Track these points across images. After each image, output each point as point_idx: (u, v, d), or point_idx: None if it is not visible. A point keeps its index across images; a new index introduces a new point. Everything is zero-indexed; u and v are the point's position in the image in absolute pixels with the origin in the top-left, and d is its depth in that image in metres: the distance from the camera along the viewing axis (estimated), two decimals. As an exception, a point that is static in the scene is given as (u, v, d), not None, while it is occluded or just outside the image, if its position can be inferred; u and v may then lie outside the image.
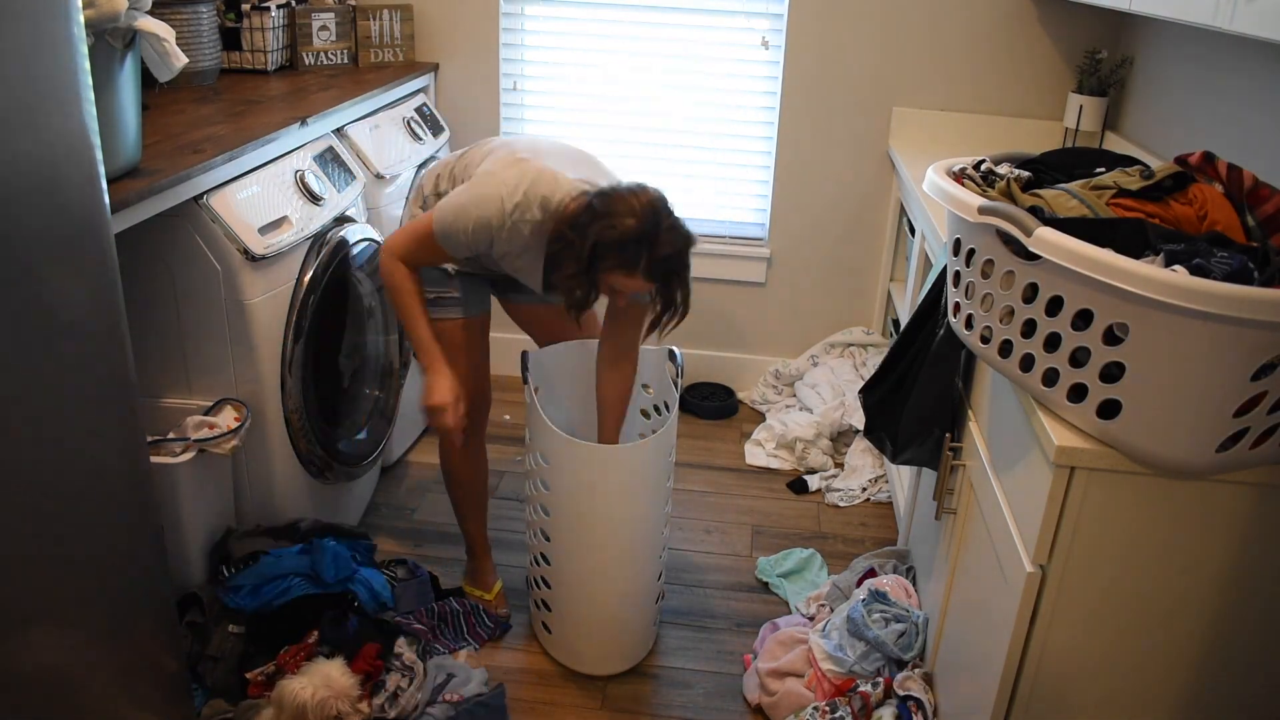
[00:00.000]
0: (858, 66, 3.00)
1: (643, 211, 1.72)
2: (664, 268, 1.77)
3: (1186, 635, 1.36)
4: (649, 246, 1.73)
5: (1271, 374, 1.14)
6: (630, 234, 1.71)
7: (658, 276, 1.78)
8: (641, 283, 1.78)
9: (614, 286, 1.81)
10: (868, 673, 1.94)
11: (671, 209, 1.78)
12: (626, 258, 1.73)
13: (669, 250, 1.75)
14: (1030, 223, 1.24)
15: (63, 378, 1.32)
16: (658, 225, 1.73)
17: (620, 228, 1.71)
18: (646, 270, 1.75)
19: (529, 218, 1.82)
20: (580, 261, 1.75)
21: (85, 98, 1.31)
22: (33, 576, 1.31)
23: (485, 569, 2.33)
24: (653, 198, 1.76)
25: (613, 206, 1.73)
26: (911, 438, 1.85)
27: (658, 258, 1.74)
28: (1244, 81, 2.08)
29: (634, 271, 1.75)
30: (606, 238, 1.72)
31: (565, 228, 1.77)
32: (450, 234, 1.85)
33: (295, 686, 1.74)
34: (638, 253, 1.73)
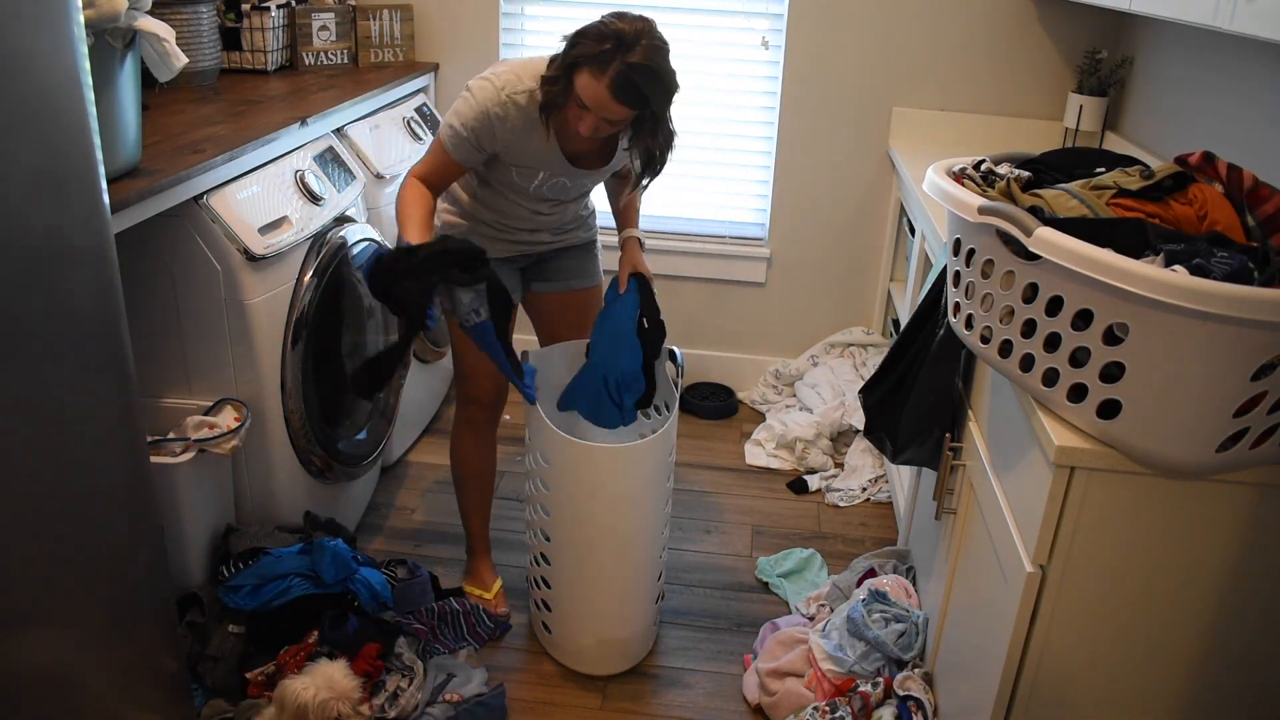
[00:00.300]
0: (858, 66, 3.00)
1: (633, 22, 1.73)
2: (631, 79, 1.71)
3: (1186, 635, 1.36)
4: (623, 50, 1.71)
5: (1271, 374, 1.14)
6: (611, 30, 1.72)
7: (624, 91, 1.72)
8: (607, 93, 1.73)
9: (580, 97, 1.76)
10: (868, 673, 1.94)
11: (666, 44, 1.76)
12: (600, 53, 1.71)
13: (641, 59, 1.71)
14: (1030, 223, 1.24)
15: (63, 378, 1.32)
16: (639, 37, 1.72)
17: (606, 23, 1.73)
18: (614, 76, 1.71)
19: (522, 88, 1.83)
20: (561, 59, 1.77)
21: (85, 98, 1.31)
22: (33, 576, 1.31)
23: (485, 568, 2.33)
24: (652, 27, 1.75)
25: (611, 14, 1.76)
26: (911, 438, 1.85)
27: (627, 63, 1.70)
28: (1244, 81, 2.08)
29: (602, 73, 1.71)
30: (590, 28, 1.74)
31: (562, 41, 1.80)
32: (456, 138, 1.87)
33: (297, 687, 1.74)
34: (612, 53, 1.71)
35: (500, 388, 2.16)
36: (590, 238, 2.22)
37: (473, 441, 2.21)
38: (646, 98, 1.75)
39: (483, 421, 2.19)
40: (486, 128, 1.85)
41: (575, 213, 2.13)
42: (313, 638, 1.92)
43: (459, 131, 1.86)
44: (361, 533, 2.52)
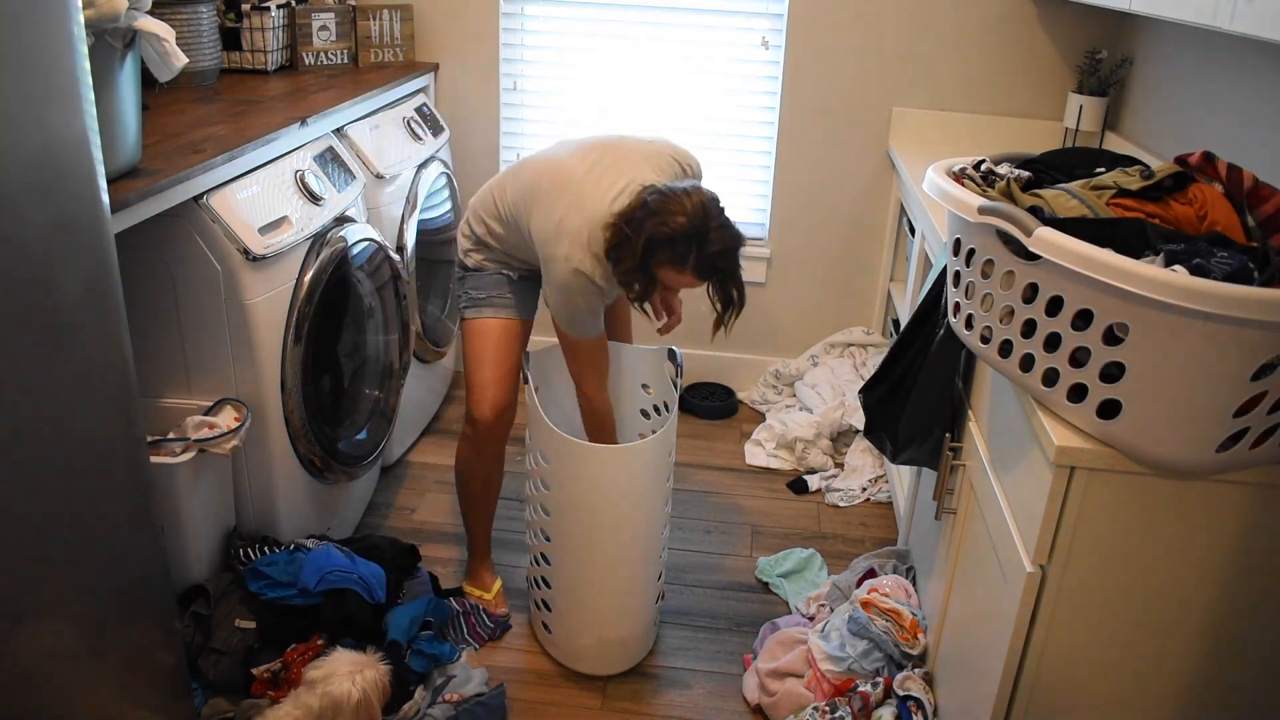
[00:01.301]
0: (858, 66, 3.00)
1: (693, 210, 1.80)
2: (712, 264, 1.84)
3: (1186, 635, 1.36)
4: (699, 244, 1.81)
5: (1271, 374, 1.14)
6: (681, 231, 1.79)
7: (707, 273, 1.86)
8: (692, 278, 1.87)
9: (664, 281, 1.89)
10: (867, 672, 1.94)
11: (722, 209, 1.86)
12: (677, 254, 1.81)
13: (718, 248, 1.82)
14: (1030, 223, 1.24)
15: (63, 377, 1.32)
16: (707, 224, 1.81)
17: (672, 225, 1.79)
18: (696, 266, 1.83)
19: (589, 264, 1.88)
20: (635, 257, 1.83)
21: (85, 98, 1.31)
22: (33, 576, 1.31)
23: (485, 569, 2.34)
24: (704, 198, 1.83)
25: (666, 205, 1.81)
26: (911, 438, 1.85)
27: (706, 254, 1.82)
28: (1244, 81, 2.08)
29: (684, 268, 1.84)
30: (659, 234, 1.80)
31: (622, 223, 1.84)
32: (579, 323, 1.95)
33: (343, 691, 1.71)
34: (688, 249, 1.81)
35: (500, 400, 2.14)
36: None
37: (472, 456, 2.20)
38: (728, 270, 1.87)
39: (484, 440, 2.17)
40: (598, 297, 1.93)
41: None
42: (321, 639, 1.91)
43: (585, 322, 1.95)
44: (361, 532, 2.52)
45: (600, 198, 1.88)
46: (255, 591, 1.91)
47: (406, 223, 2.69)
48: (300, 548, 2.01)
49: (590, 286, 1.89)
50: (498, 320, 2.11)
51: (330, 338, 2.34)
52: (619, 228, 1.84)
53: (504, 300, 2.11)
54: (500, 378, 2.11)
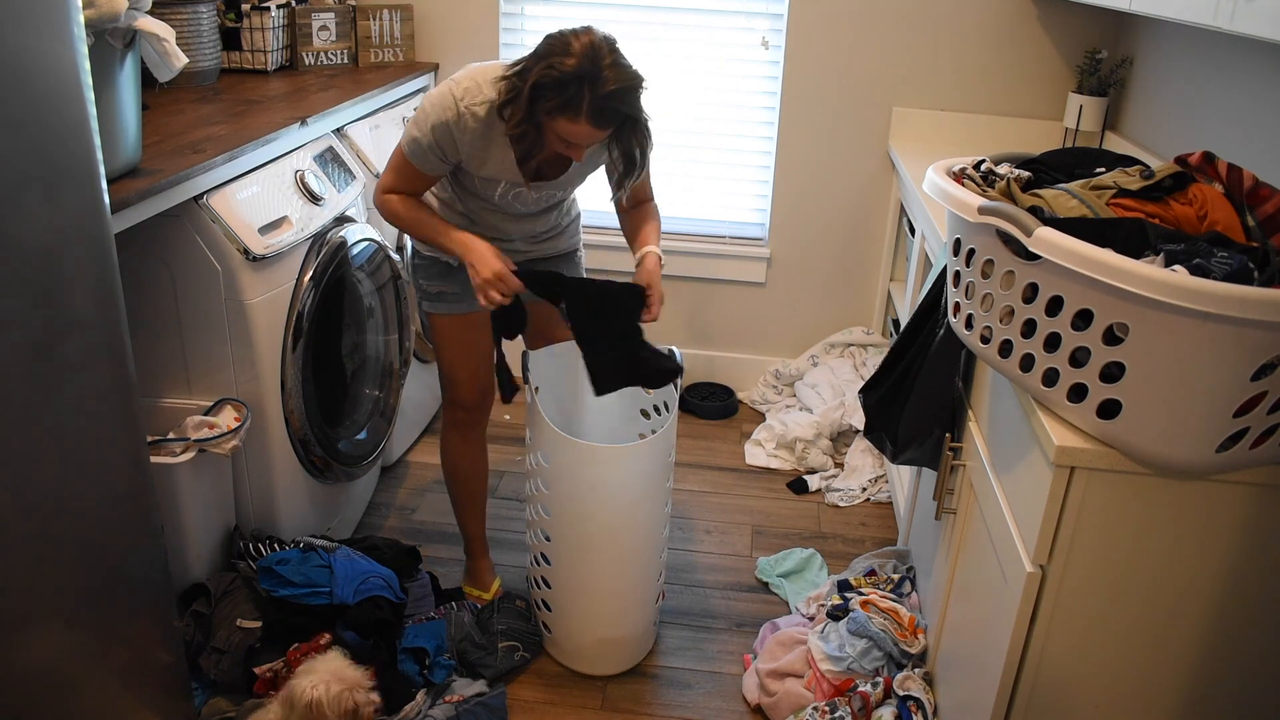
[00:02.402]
0: (858, 66, 3.00)
1: (583, 50, 1.66)
2: (608, 107, 1.68)
3: (1187, 635, 1.36)
4: (590, 85, 1.65)
5: (1271, 374, 1.14)
6: (569, 72, 1.65)
7: (604, 119, 1.70)
8: (589, 128, 1.70)
9: (563, 137, 1.73)
10: (867, 671, 1.94)
11: (616, 48, 1.70)
12: (568, 97, 1.66)
13: (612, 87, 1.66)
14: (1030, 223, 1.24)
15: (63, 378, 1.32)
16: (599, 63, 1.66)
17: (560, 67, 1.65)
18: (590, 111, 1.67)
19: (481, 99, 1.78)
20: (523, 107, 1.70)
21: (85, 98, 1.31)
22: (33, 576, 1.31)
23: (484, 569, 2.33)
24: (594, 38, 1.69)
25: (553, 48, 1.68)
26: (911, 438, 1.85)
27: (600, 95, 1.66)
28: (1244, 81, 2.08)
29: (578, 115, 1.68)
30: (545, 78, 1.66)
31: (512, 76, 1.73)
32: (417, 148, 1.82)
33: (305, 685, 1.71)
34: (579, 91, 1.66)
35: (483, 389, 2.15)
36: (571, 247, 2.16)
37: (460, 443, 2.20)
38: (627, 113, 1.73)
39: (468, 423, 2.18)
40: (447, 137, 1.80)
41: (552, 221, 2.06)
42: (324, 639, 1.91)
43: (420, 141, 1.81)
44: (361, 532, 2.52)
45: (492, 67, 1.80)
46: (266, 588, 1.91)
47: (406, 223, 2.68)
48: (311, 548, 2.01)
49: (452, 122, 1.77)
50: (458, 316, 2.07)
51: (330, 338, 2.34)
52: (510, 79, 1.72)
53: (455, 294, 2.05)
54: (476, 368, 2.11)
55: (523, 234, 2.04)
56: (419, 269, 2.08)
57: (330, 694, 1.70)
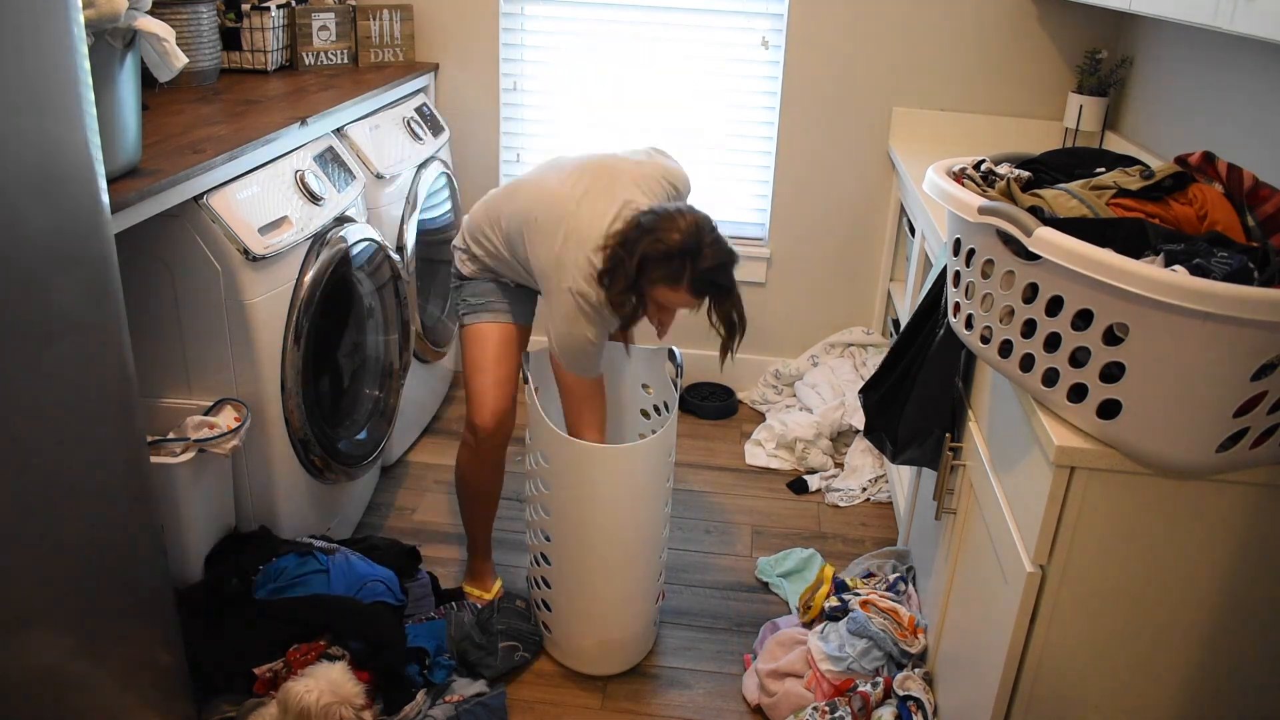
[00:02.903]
0: (858, 66, 3.00)
1: (687, 228, 1.82)
2: (707, 280, 1.86)
3: (1186, 635, 1.36)
4: (693, 259, 1.82)
5: (1271, 374, 1.14)
6: (675, 248, 1.81)
7: (701, 290, 1.87)
8: (686, 296, 1.88)
9: (659, 301, 1.90)
10: (867, 671, 1.94)
11: (715, 227, 1.88)
12: (671, 271, 1.83)
13: (711, 263, 1.84)
14: (1030, 223, 1.24)
15: (63, 378, 1.32)
16: (700, 240, 1.83)
17: (666, 242, 1.81)
18: (691, 283, 1.85)
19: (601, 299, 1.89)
20: (629, 276, 1.84)
21: (85, 98, 1.31)
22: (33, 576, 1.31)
23: (485, 569, 2.33)
24: (698, 217, 1.86)
25: (659, 224, 1.83)
26: (911, 438, 1.85)
27: (700, 270, 1.84)
28: (1244, 81, 2.08)
29: (678, 285, 1.85)
30: (653, 251, 1.82)
31: (616, 244, 1.86)
32: (584, 358, 1.94)
33: (300, 689, 1.72)
34: (682, 265, 1.83)
35: (498, 408, 2.13)
36: None
37: (473, 463, 2.19)
38: (724, 285, 1.89)
39: (484, 448, 2.16)
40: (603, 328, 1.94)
41: None
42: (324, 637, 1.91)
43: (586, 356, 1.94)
44: (361, 532, 2.52)
45: (596, 225, 1.88)
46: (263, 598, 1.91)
47: (406, 223, 2.69)
48: (309, 551, 2.00)
49: (594, 313, 1.89)
50: (496, 325, 2.11)
51: (330, 338, 2.34)
52: (614, 249, 1.85)
53: (501, 305, 2.11)
54: (500, 382, 2.11)
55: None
56: (466, 285, 2.13)
57: (320, 704, 1.71)
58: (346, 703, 1.74)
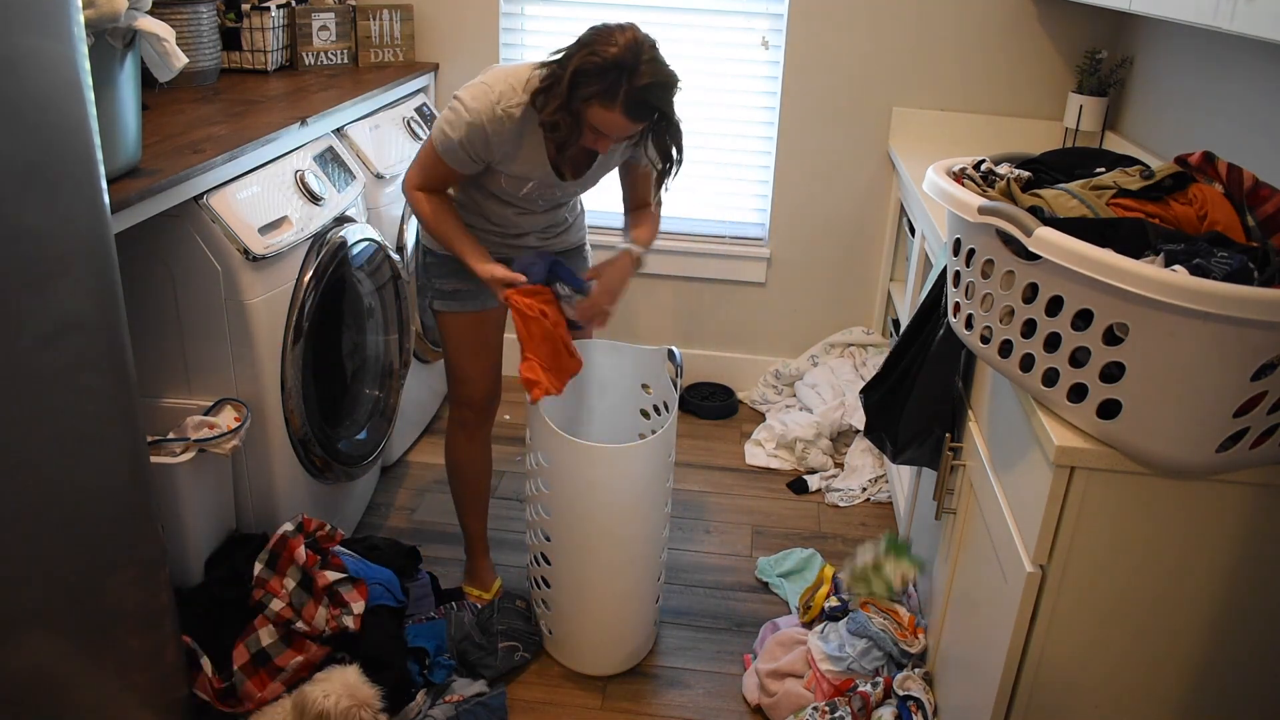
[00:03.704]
0: (858, 66, 3.00)
1: (625, 43, 1.72)
2: (644, 99, 1.74)
3: (1186, 635, 1.36)
4: (628, 75, 1.71)
5: (1271, 374, 1.14)
6: (610, 60, 1.71)
7: (638, 111, 1.75)
8: (622, 119, 1.75)
9: (595, 126, 1.78)
10: (867, 671, 1.94)
11: (655, 46, 1.76)
12: (606, 85, 1.72)
13: (649, 80, 1.72)
14: (1030, 223, 1.24)
15: (63, 378, 1.32)
16: (638, 56, 1.72)
17: (602, 54, 1.71)
18: (626, 101, 1.73)
19: (516, 101, 1.82)
20: (562, 93, 1.74)
21: (85, 98, 1.31)
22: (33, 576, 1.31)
23: (484, 568, 2.34)
24: (638, 34, 1.75)
25: (597, 37, 1.74)
26: (912, 438, 1.85)
27: (636, 87, 1.72)
28: (1244, 81, 2.08)
29: (613, 103, 1.73)
30: (587, 64, 1.72)
31: (552, 64, 1.79)
32: (448, 145, 1.85)
33: (318, 694, 1.71)
34: (617, 81, 1.71)
35: (490, 390, 2.16)
36: (579, 241, 2.19)
37: (466, 443, 2.21)
38: (660, 109, 1.78)
39: (474, 423, 2.19)
40: (481, 139, 1.84)
41: (561, 216, 2.10)
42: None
43: (454, 140, 1.85)
44: (361, 532, 2.52)
45: (520, 69, 1.85)
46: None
47: (406, 223, 2.69)
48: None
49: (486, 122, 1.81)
50: (471, 315, 2.09)
51: (330, 338, 2.34)
52: (550, 66, 1.78)
53: (470, 291, 2.06)
54: (487, 368, 2.13)
55: (536, 229, 2.07)
56: (430, 267, 2.08)
57: (339, 708, 1.70)
58: (365, 705, 1.73)
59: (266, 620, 1.86)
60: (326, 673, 1.78)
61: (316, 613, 1.88)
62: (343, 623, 1.88)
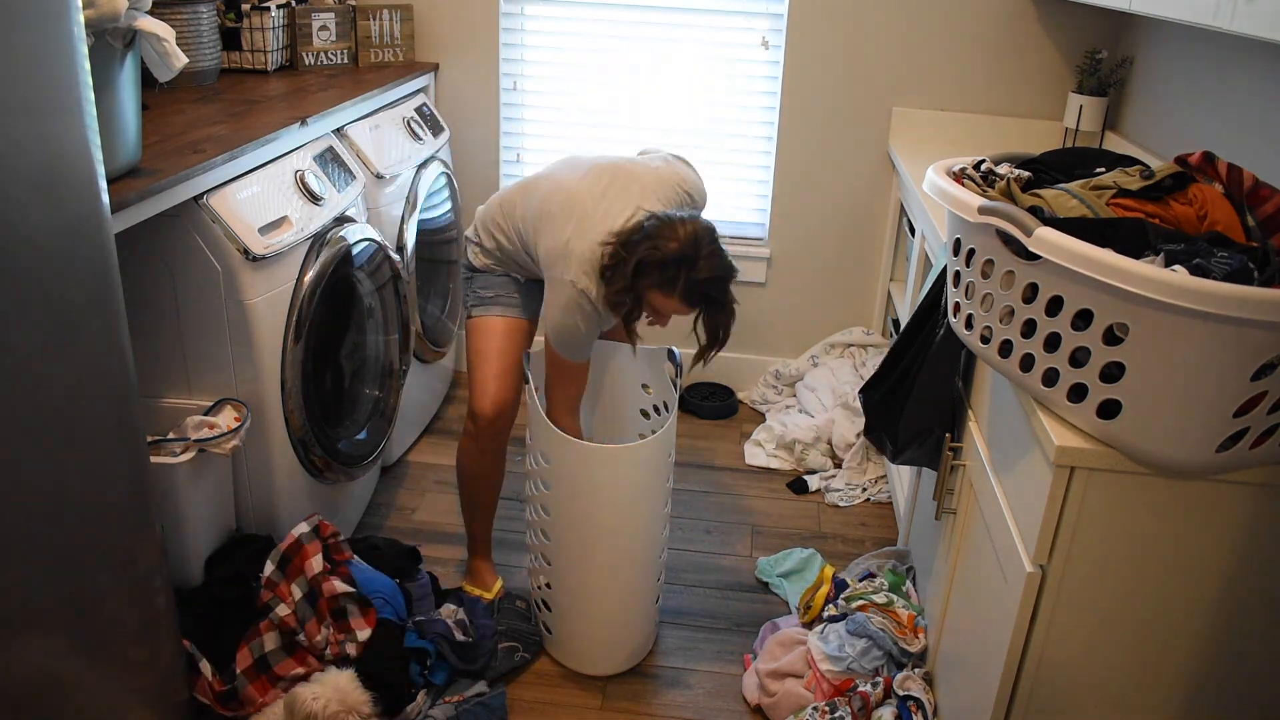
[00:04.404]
0: (858, 66, 3.00)
1: (686, 237, 1.83)
2: (700, 291, 1.86)
3: (1187, 635, 1.36)
4: (688, 269, 1.83)
5: (1271, 374, 1.14)
6: (671, 255, 1.82)
7: (694, 300, 1.88)
8: (679, 304, 1.89)
9: (654, 305, 1.92)
10: (867, 671, 1.94)
11: (717, 239, 1.88)
12: (666, 278, 1.84)
13: (706, 274, 1.85)
14: (1030, 223, 1.24)
15: (63, 378, 1.32)
16: (698, 251, 1.83)
17: (663, 250, 1.82)
18: (684, 292, 1.86)
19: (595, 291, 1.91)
20: (626, 278, 1.86)
21: (85, 98, 1.31)
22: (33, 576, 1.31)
23: (485, 569, 2.34)
24: (699, 226, 1.86)
25: (660, 230, 1.85)
26: (911, 438, 1.85)
27: (695, 280, 1.84)
28: (1244, 81, 2.08)
29: (672, 292, 1.86)
30: (650, 257, 1.83)
31: (618, 244, 1.88)
32: (574, 346, 1.97)
33: (307, 695, 1.72)
34: (677, 273, 1.83)
35: (499, 400, 2.14)
36: None
37: (474, 452, 2.21)
38: (716, 299, 1.89)
39: (485, 436, 2.18)
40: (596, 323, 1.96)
41: None
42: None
43: (576, 344, 1.97)
44: (361, 532, 2.52)
45: (606, 222, 1.91)
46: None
47: (406, 223, 2.69)
48: None
49: (591, 309, 1.91)
50: (504, 319, 2.13)
51: (330, 338, 2.34)
52: (615, 248, 1.87)
53: (510, 300, 2.13)
54: (502, 373, 2.12)
55: None
56: (477, 277, 2.15)
57: (326, 711, 1.71)
58: (354, 711, 1.74)
59: (272, 625, 1.86)
60: (321, 675, 1.78)
61: (319, 632, 1.88)
62: (344, 649, 1.88)
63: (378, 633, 1.92)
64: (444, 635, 2.02)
